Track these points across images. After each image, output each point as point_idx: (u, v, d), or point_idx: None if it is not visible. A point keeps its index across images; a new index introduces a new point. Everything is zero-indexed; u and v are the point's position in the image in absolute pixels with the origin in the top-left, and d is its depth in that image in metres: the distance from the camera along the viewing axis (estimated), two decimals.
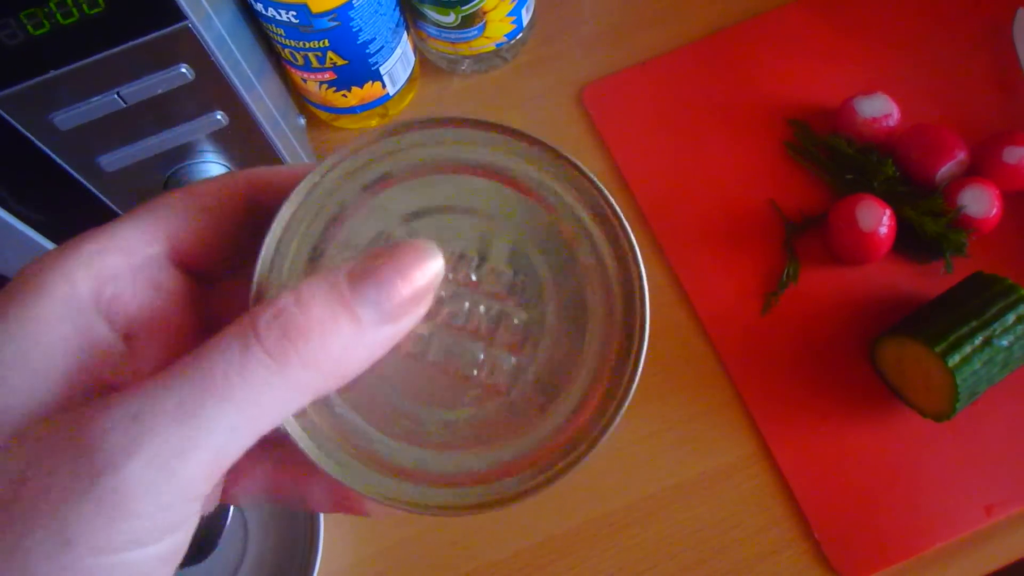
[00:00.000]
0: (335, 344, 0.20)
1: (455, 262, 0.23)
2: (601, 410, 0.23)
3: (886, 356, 0.52)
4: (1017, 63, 0.61)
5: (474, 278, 0.23)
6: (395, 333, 0.21)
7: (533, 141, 0.24)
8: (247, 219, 0.24)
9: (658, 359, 0.55)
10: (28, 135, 0.42)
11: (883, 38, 0.63)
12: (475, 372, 0.23)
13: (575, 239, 0.23)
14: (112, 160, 0.46)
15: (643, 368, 0.23)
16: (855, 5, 0.64)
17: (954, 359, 0.47)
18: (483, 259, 0.23)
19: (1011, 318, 0.48)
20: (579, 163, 0.24)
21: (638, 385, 0.23)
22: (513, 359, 0.23)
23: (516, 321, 0.23)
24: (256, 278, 0.23)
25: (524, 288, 0.23)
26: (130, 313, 0.22)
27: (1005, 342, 0.48)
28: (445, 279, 0.23)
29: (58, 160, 0.44)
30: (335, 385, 0.21)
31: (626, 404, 0.22)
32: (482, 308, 0.23)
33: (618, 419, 0.22)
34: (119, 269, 0.22)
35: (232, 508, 0.52)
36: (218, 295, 0.25)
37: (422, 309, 0.22)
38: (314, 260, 0.23)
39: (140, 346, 0.22)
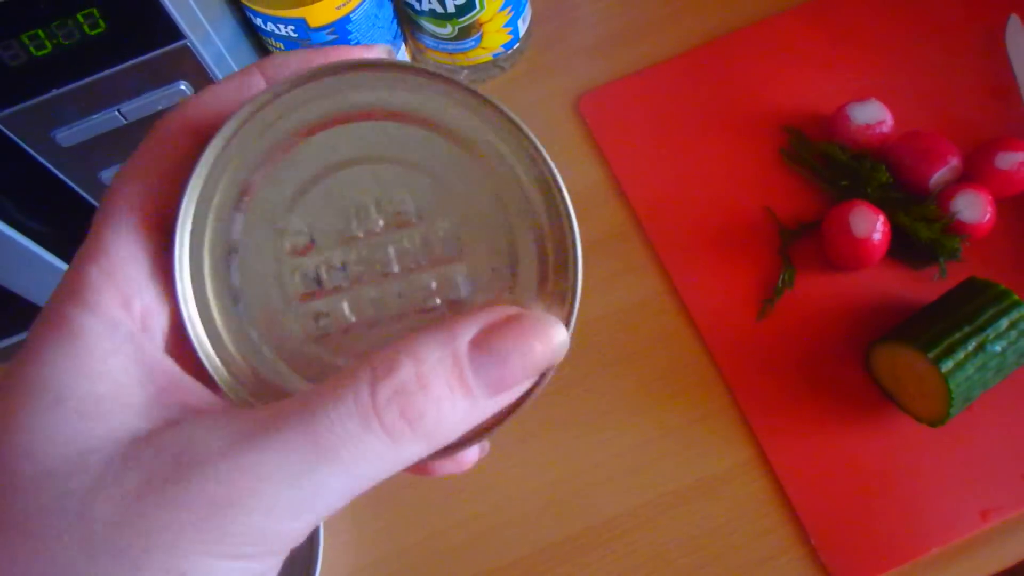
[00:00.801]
0: (448, 422, 0.20)
1: (388, 214, 0.23)
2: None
3: (880, 362, 0.52)
4: (1010, 69, 0.62)
5: (402, 232, 0.23)
6: (497, 406, 0.21)
7: (460, 87, 0.23)
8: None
9: (654, 366, 0.56)
10: (31, 152, 0.43)
11: (876, 45, 0.64)
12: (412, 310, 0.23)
13: (502, 181, 0.23)
14: (114, 175, 0.46)
15: (580, 298, 0.23)
16: (849, 13, 0.65)
17: (947, 365, 0.47)
18: (416, 214, 0.23)
19: (1004, 323, 0.49)
20: (501, 104, 0.23)
21: (577, 316, 0.23)
22: (447, 310, 0.23)
23: (452, 273, 0.23)
24: (176, 236, 0.22)
25: (453, 237, 0.23)
26: (163, 321, 0.22)
27: (998, 347, 0.48)
28: (373, 233, 0.23)
29: (61, 176, 0.45)
30: (432, 452, 0.21)
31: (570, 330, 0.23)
32: (411, 260, 0.23)
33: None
34: (137, 280, 0.21)
35: None
36: None
37: (527, 385, 0.22)
38: (239, 209, 0.23)
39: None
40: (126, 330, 0.21)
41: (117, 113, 0.43)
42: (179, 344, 0.23)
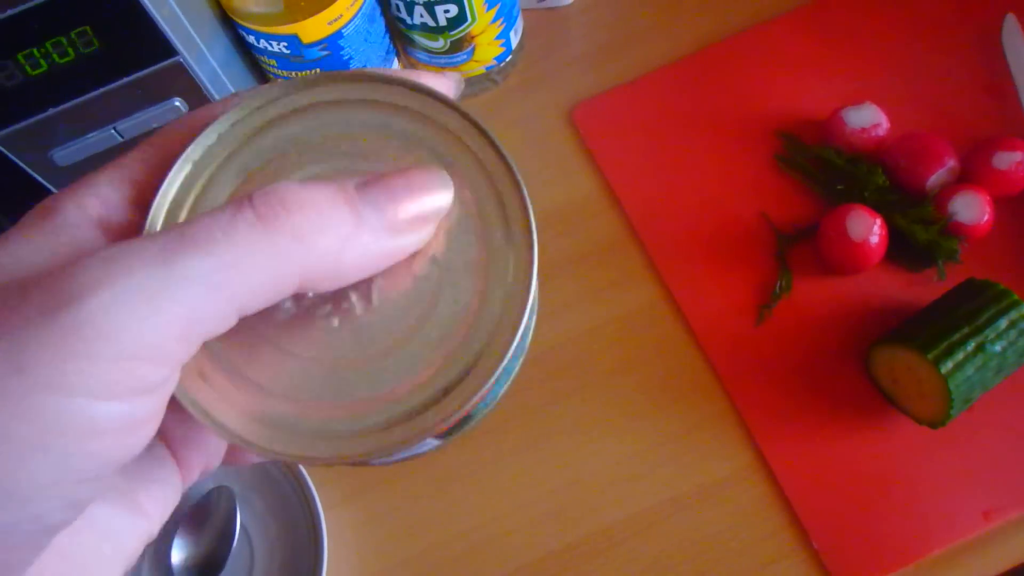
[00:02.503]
0: (331, 230, 0.19)
1: None
2: (498, 354, 0.22)
3: (880, 364, 0.52)
4: (1006, 68, 0.62)
5: None
6: (395, 248, 0.21)
7: (436, 97, 0.23)
8: None
9: (653, 373, 0.56)
10: (30, 171, 0.44)
11: (870, 48, 0.64)
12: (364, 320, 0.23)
13: (463, 183, 0.23)
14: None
15: (535, 318, 0.23)
16: (842, 16, 0.65)
17: (947, 366, 0.47)
18: None
19: (1003, 323, 0.48)
20: (463, 109, 0.23)
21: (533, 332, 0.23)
22: (408, 310, 0.23)
23: (409, 274, 0.23)
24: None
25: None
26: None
27: (998, 347, 0.48)
28: None
29: None
30: (325, 277, 0.20)
31: (527, 340, 0.23)
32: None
33: (510, 357, 0.22)
34: (129, 194, 0.22)
35: (238, 531, 0.53)
36: None
37: (426, 232, 0.22)
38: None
39: None
40: (101, 232, 0.21)
41: (113, 131, 0.43)
42: None
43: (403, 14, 0.57)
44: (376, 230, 0.20)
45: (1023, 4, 0.63)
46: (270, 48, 0.51)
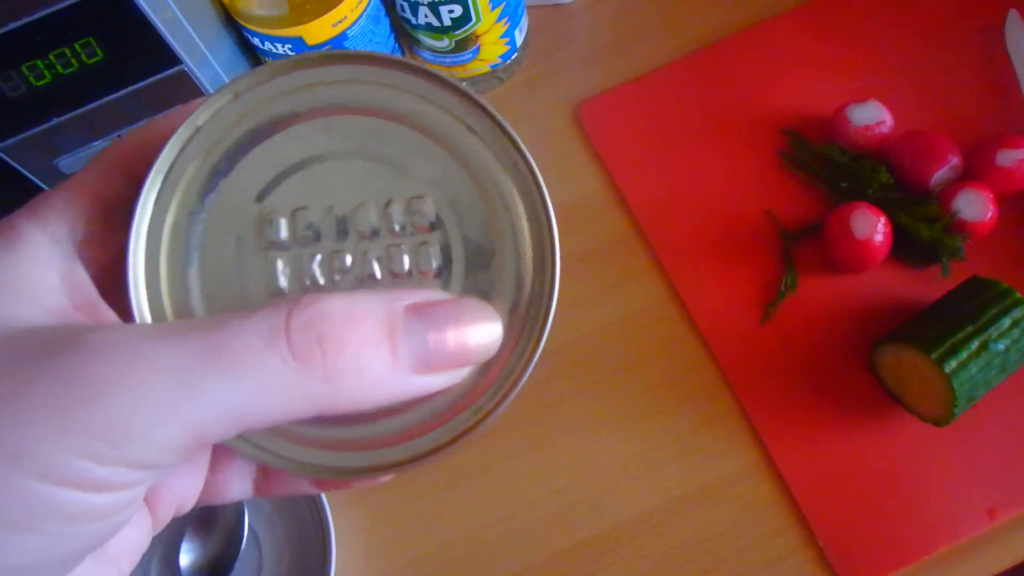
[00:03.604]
0: (364, 375, 0.19)
1: (354, 210, 0.22)
2: (514, 360, 0.22)
3: (884, 363, 0.52)
4: (1009, 65, 0.62)
5: (370, 227, 0.22)
6: (421, 387, 0.20)
7: (432, 77, 0.22)
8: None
9: (658, 372, 0.56)
10: (35, 180, 0.44)
11: (874, 45, 0.64)
12: None
13: (479, 179, 0.22)
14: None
15: (555, 311, 0.22)
16: (846, 14, 0.65)
17: (950, 364, 0.47)
18: (384, 206, 0.22)
19: (1006, 322, 0.49)
20: (486, 104, 0.22)
21: (551, 327, 0.22)
22: None
23: (423, 271, 0.22)
24: (130, 248, 0.22)
25: (429, 237, 0.22)
26: (101, 259, 0.22)
27: (1001, 346, 0.48)
28: (343, 233, 0.22)
29: None
30: (339, 410, 0.19)
31: (539, 351, 0.22)
32: (383, 260, 0.22)
33: (532, 366, 0.22)
34: (91, 212, 0.22)
35: (246, 533, 0.53)
36: None
37: (458, 375, 0.21)
38: (194, 214, 0.22)
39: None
40: (65, 250, 0.21)
41: (118, 139, 0.43)
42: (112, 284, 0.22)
43: (408, 14, 0.56)
44: (409, 370, 0.19)
45: None
46: (275, 51, 0.51)
